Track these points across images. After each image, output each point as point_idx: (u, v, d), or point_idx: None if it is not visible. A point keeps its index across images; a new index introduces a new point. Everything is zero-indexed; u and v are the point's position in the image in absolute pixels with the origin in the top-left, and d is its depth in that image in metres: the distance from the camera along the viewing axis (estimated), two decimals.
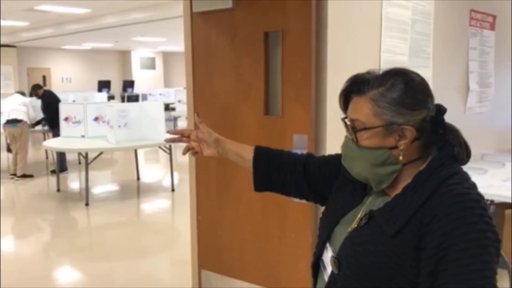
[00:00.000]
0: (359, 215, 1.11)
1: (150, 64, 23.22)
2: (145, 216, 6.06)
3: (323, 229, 1.20)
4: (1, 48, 17.78)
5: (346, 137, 1.12)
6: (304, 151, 2.72)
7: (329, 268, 1.13)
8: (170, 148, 6.57)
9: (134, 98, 17.90)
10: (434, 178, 1.02)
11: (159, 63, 23.53)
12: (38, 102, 7.83)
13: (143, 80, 22.09)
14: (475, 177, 3.92)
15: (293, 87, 2.69)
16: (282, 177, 1.37)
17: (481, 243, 0.93)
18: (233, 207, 3.05)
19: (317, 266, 1.20)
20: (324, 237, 1.17)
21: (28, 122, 7.49)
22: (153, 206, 6.38)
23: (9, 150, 7.96)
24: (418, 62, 3.39)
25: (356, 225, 1.09)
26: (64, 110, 6.87)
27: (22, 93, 7.95)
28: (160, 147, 6.62)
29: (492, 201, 3.41)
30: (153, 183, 7.55)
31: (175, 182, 6.84)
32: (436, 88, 3.58)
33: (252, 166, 1.39)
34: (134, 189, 7.12)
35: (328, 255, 1.14)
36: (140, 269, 3.96)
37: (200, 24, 3.05)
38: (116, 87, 20.63)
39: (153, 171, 8.56)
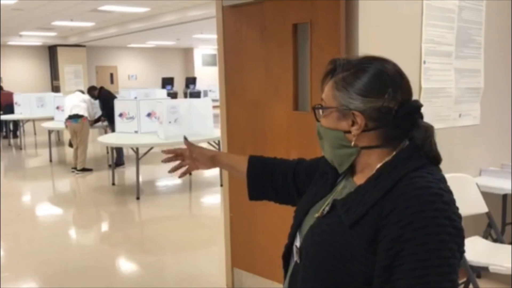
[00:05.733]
0: (325, 204, 1.11)
1: (211, 61, 23.56)
2: (195, 210, 6.12)
3: (294, 219, 1.21)
4: (72, 47, 18.78)
5: None
6: None
7: (294, 258, 1.14)
8: (218, 144, 6.59)
9: (196, 94, 18.25)
10: (399, 170, 1.00)
11: None
12: (96, 102, 8.17)
13: (205, 77, 22.45)
14: None
15: None
16: (274, 185, 1.42)
17: (439, 238, 0.90)
18: (265, 205, 2.96)
19: (288, 256, 1.20)
20: (295, 227, 1.18)
21: (89, 118, 7.82)
22: (202, 201, 6.44)
23: (70, 145, 8.34)
24: (467, 53, 3.14)
25: (319, 214, 1.09)
26: (118, 107, 7.09)
27: (81, 91, 8.30)
28: (209, 143, 6.66)
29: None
30: (204, 178, 7.62)
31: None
32: (489, 80, 3.33)
33: (246, 176, 1.45)
34: (186, 184, 7.22)
35: (296, 245, 1.16)
36: (185, 264, 4.01)
37: (231, 18, 2.99)
38: (179, 84, 21.12)
39: None
